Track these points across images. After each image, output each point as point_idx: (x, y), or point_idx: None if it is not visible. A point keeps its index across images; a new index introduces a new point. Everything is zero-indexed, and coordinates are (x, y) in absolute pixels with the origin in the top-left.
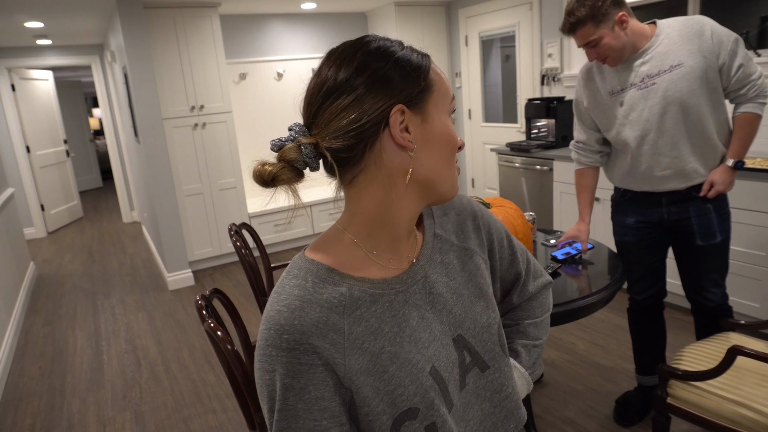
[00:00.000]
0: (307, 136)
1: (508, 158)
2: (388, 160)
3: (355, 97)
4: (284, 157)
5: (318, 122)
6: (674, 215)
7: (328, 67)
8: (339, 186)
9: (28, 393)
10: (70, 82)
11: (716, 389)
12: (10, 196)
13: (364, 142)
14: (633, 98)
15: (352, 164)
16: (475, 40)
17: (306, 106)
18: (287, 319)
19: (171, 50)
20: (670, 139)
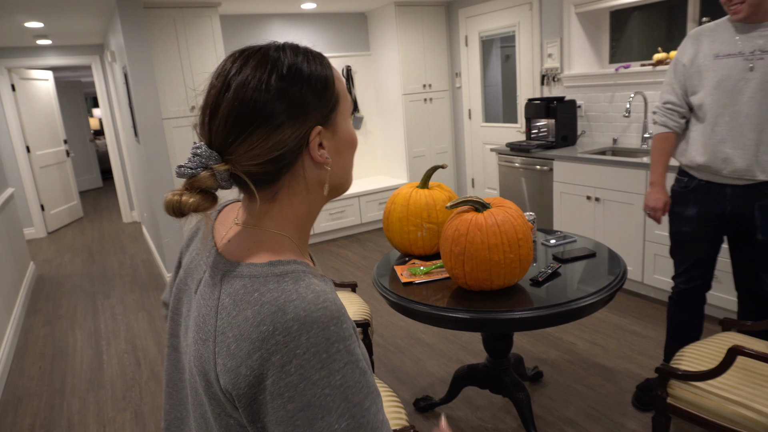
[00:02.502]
0: (220, 161)
1: (508, 158)
2: (307, 175)
3: (275, 125)
4: (200, 186)
5: (235, 149)
6: (738, 208)
7: (242, 91)
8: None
9: (28, 393)
10: (70, 82)
11: (716, 389)
12: (10, 196)
13: (284, 164)
14: (735, 66)
15: (271, 183)
16: (475, 40)
17: (216, 130)
18: (338, 309)
19: (171, 50)
20: (752, 119)
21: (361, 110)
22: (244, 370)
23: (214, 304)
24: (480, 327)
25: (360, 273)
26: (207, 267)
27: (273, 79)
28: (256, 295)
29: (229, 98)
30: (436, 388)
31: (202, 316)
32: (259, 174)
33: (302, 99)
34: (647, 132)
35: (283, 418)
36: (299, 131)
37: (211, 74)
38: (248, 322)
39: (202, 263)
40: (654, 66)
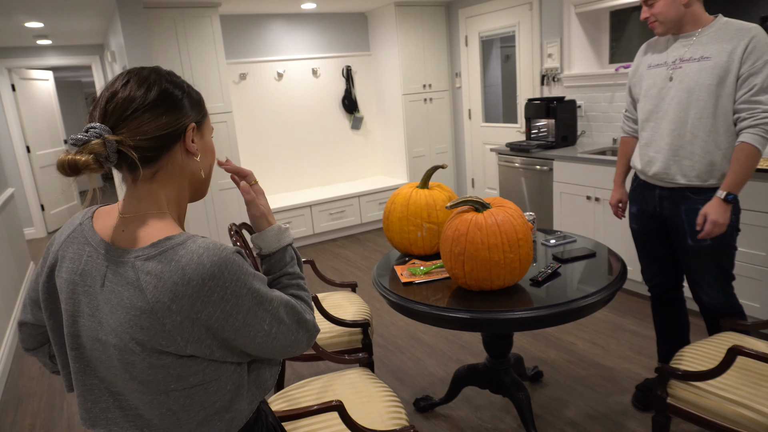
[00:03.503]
0: (110, 134)
1: (508, 158)
2: (180, 161)
3: (160, 113)
4: (91, 150)
5: (127, 126)
6: (667, 210)
7: (136, 86)
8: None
9: (28, 393)
10: (71, 82)
11: (716, 389)
12: (10, 196)
13: (165, 146)
14: (659, 75)
15: (152, 162)
16: (475, 40)
17: (111, 111)
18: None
19: (171, 50)
20: (669, 125)
21: (361, 110)
22: (193, 317)
23: (136, 285)
24: (480, 327)
25: (360, 273)
26: (107, 262)
27: (163, 81)
28: (174, 264)
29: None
30: (436, 388)
31: (126, 299)
32: (143, 149)
33: (182, 100)
34: None
35: (239, 326)
36: (178, 122)
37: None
38: (178, 284)
39: (96, 262)
40: None
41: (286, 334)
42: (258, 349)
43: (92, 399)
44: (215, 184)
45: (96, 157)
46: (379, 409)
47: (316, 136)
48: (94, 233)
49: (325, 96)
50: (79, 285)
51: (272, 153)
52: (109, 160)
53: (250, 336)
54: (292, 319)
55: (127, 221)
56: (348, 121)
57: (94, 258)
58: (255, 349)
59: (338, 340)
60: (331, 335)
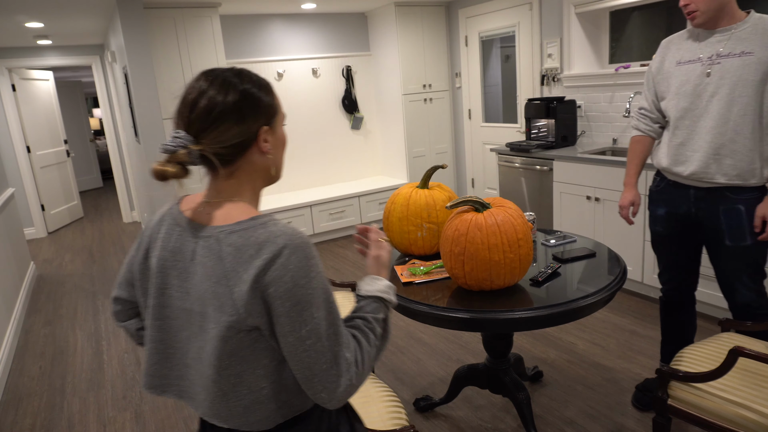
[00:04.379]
0: (194, 143)
1: (508, 158)
2: (254, 161)
3: (235, 121)
4: (178, 160)
5: (208, 135)
6: (703, 211)
7: (215, 92)
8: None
9: (29, 393)
10: (71, 82)
11: (717, 390)
12: (10, 196)
13: (241, 151)
14: (694, 72)
15: (230, 163)
16: (475, 40)
17: (194, 120)
18: (307, 238)
19: (171, 50)
20: (708, 123)
21: (361, 110)
22: (256, 287)
23: (218, 255)
24: (480, 327)
25: (360, 273)
26: (196, 238)
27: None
28: (251, 241)
29: (206, 100)
30: (436, 388)
31: (210, 268)
32: (223, 155)
33: (256, 104)
34: None
35: (283, 312)
36: (252, 128)
37: (188, 84)
38: (252, 257)
39: (186, 239)
40: None
41: (316, 358)
42: (287, 350)
43: (168, 366)
44: None
45: (182, 166)
46: (379, 409)
47: (316, 136)
48: (183, 216)
49: (325, 96)
50: (168, 260)
51: None
52: (193, 164)
53: (287, 328)
54: (332, 343)
55: (211, 206)
56: (348, 121)
57: (183, 236)
58: (285, 347)
59: None
60: None
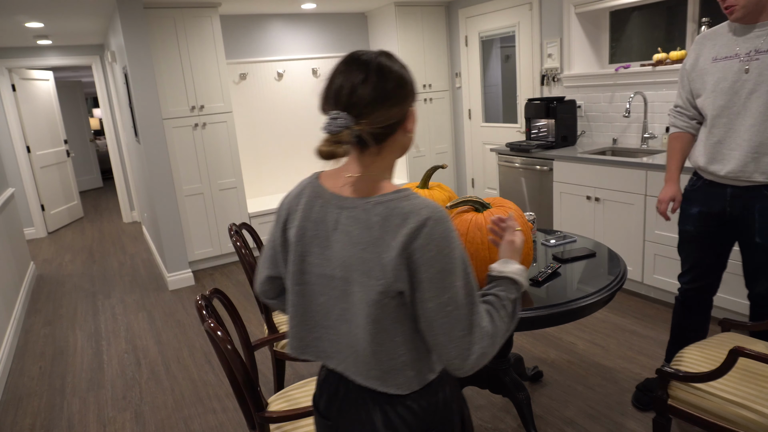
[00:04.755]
0: (355, 124)
1: (507, 158)
2: (398, 139)
3: (393, 103)
4: (341, 139)
5: (367, 117)
6: (738, 210)
7: (375, 78)
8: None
9: (29, 393)
10: (71, 82)
11: (717, 390)
12: (10, 196)
13: (392, 131)
14: (731, 68)
15: (381, 142)
16: (475, 40)
17: (355, 103)
18: (446, 211)
19: (171, 50)
20: (747, 121)
21: None
22: (402, 256)
23: (365, 224)
24: None
25: None
26: (339, 209)
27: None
28: (397, 211)
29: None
30: None
31: (355, 236)
32: (378, 134)
33: (406, 91)
34: (647, 132)
35: (426, 278)
36: (404, 109)
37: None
38: (399, 226)
39: (329, 210)
40: (654, 66)
41: (454, 324)
42: (426, 316)
43: (307, 329)
44: (215, 184)
45: (343, 146)
46: None
47: (317, 135)
48: (324, 189)
49: None
50: (309, 230)
51: (272, 153)
52: (350, 143)
53: (428, 294)
54: (468, 312)
55: (356, 180)
56: None
57: (326, 207)
58: (424, 313)
59: None
60: None
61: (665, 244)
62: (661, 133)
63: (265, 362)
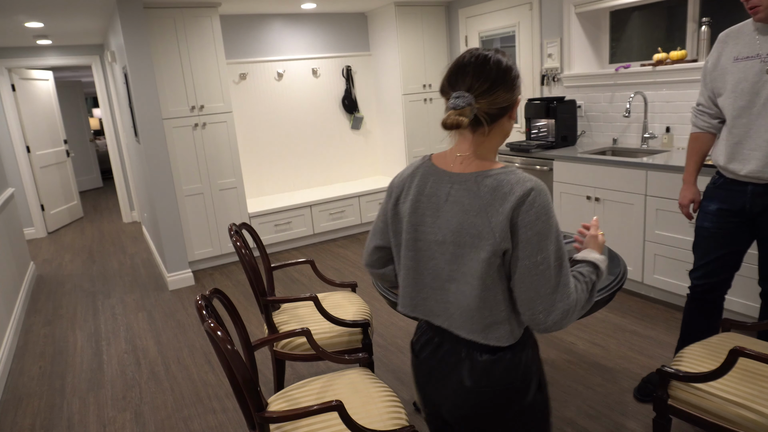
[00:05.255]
0: (476, 102)
1: (508, 158)
2: (504, 124)
3: (506, 89)
4: (465, 114)
5: (487, 98)
6: (758, 207)
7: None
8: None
9: (28, 393)
10: (71, 82)
11: (717, 390)
12: (10, 196)
13: (502, 114)
14: (752, 68)
15: (493, 122)
16: (475, 40)
17: (478, 85)
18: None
19: (171, 50)
20: (767, 121)
21: (361, 110)
22: (508, 218)
23: (476, 194)
24: None
25: (360, 273)
26: (451, 183)
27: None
28: (505, 182)
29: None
30: None
31: (467, 204)
32: (491, 115)
33: (517, 80)
34: (647, 132)
35: (525, 239)
36: (512, 97)
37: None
38: (507, 194)
39: (440, 185)
40: (654, 66)
41: (543, 282)
42: (519, 273)
43: (417, 289)
44: (215, 184)
45: (466, 118)
46: (379, 409)
47: (316, 136)
48: (436, 167)
49: (325, 96)
50: (422, 203)
51: (272, 153)
52: (469, 119)
53: (525, 253)
54: (557, 273)
55: (465, 158)
56: (348, 121)
57: (438, 183)
58: (518, 270)
59: (338, 340)
60: (331, 335)
61: (665, 244)
62: (661, 133)
63: (265, 362)
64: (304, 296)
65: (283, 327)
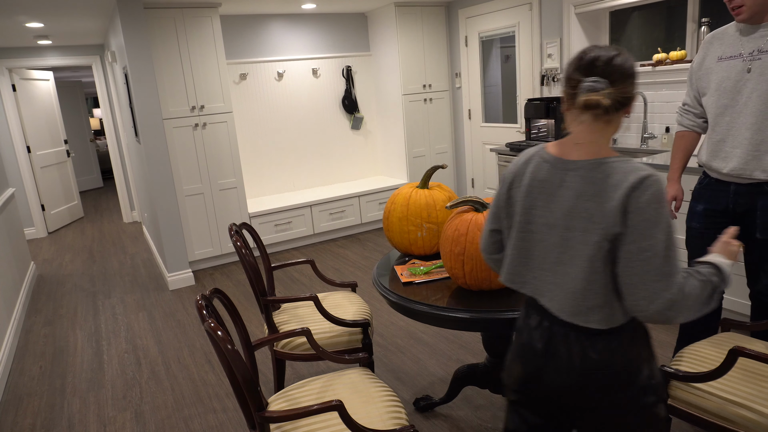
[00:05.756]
0: (609, 89)
1: (507, 158)
2: (620, 117)
3: (632, 81)
4: (604, 97)
5: (617, 87)
6: (741, 206)
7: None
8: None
9: (29, 393)
10: (71, 82)
11: (717, 390)
12: (10, 196)
13: (624, 105)
14: (734, 68)
15: (616, 111)
16: (475, 40)
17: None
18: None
19: (171, 50)
20: (749, 119)
21: (361, 110)
22: (623, 203)
23: (589, 180)
24: (480, 327)
25: (360, 273)
26: (565, 170)
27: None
28: (620, 169)
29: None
30: (436, 388)
31: (579, 189)
32: (618, 104)
33: (636, 78)
34: (647, 132)
35: (634, 224)
36: (634, 91)
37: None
38: (621, 181)
39: (554, 172)
40: (654, 66)
41: (647, 269)
42: (625, 257)
43: (527, 269)
44: (216, 184)
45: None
46: (379, 409)
47: (317, 136)
48: (551, 155)
49: (325, 96)
50: (536, 188)
51: (272, 153)
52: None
53: (632, 237)
54: (663, 263)
55: (582, 146)
56: (348, 121)
57: (553, 169)
58: (624, 254)
59: (338, 340)
60: (331, 335)
61: None
62: (660, 133)
63: (265, 362)
64: (304, 296)
65: (283, 327)
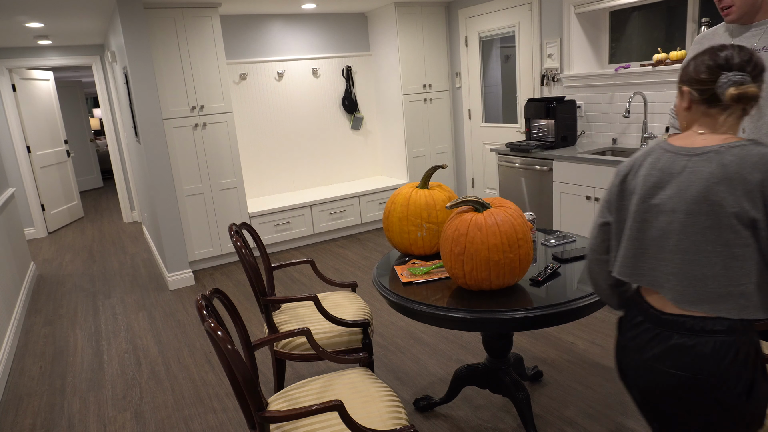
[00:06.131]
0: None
1: (507, 158)
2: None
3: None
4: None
5: (756, 82)
6: None
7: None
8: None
9: (29, 393)
10: (71, 82)
11: None
12: (10, 196)
13: (757, 98)
14: None
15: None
16: (475, 40)
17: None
18: None
19: (171, 50)
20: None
21: (361, 110)
22: (760, 186)
23: (719, 163)
24: (480, 327)
25: (360, 273)
26: (688, 157)
27: None
28: (753, 152)
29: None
30: (436, 388)
31: (707, 174)
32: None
33: None
34: (647, 132)
35: None
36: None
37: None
38: (756, 164)
39: (676, 160)
40: (653, 66)
41: None
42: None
43: (642, 260)
44: (215, 184)
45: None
46: (379, 409)
47: (317, 136)
48: (673, 146)
49: (325, 96)
50: (653, 176)
51: (272, 153)
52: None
53: None
54: None
55: (706, 136)
56: (348, 121)
57: (674, 158)
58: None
59: (338, 340)
60: (331, 335)
61: None
62: (660, 133)
63: (265, 362)
64: (304, 296)
65: (283, 327)
